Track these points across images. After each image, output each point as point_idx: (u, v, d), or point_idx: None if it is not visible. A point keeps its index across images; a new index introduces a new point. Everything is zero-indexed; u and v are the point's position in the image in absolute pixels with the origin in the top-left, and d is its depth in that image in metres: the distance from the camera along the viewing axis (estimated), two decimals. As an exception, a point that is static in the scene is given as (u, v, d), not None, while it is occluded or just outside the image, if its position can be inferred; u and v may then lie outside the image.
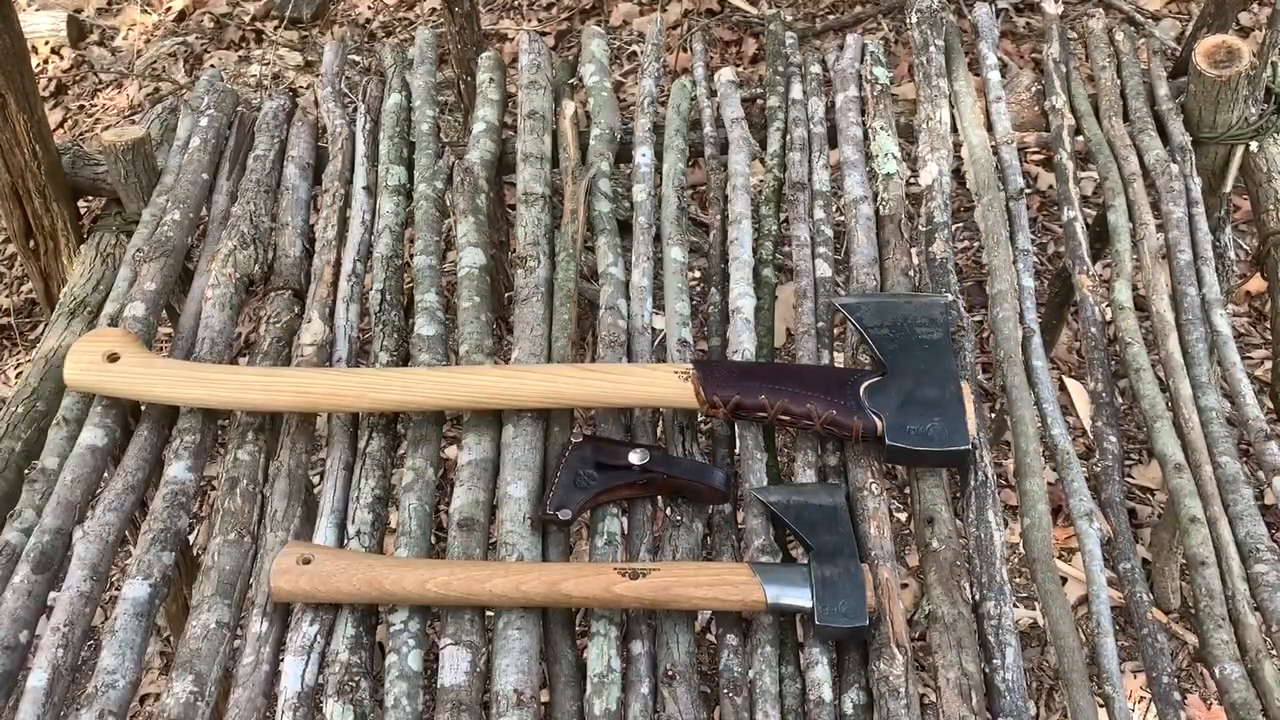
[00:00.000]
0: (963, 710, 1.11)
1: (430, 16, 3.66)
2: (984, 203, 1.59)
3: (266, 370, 1.42)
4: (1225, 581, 1.23)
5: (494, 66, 1.89)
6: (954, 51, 1.81)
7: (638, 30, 3.47)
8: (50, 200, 1.79)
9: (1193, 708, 2.04)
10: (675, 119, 1.78)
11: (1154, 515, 2.34)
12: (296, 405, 1.36)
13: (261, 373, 1.39)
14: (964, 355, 1.40)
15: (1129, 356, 1.45)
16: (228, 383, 1.36)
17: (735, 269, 1.53)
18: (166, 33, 3.76)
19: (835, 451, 1.33)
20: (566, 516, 1.26)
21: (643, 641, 1.21)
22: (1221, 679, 1.17)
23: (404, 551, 1.29)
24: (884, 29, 3.36)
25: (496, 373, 1.38)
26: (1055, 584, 1.24)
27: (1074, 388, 2.43)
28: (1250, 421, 1.37)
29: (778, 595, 1.17)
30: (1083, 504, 1.30)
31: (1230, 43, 1.63)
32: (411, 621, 1.22)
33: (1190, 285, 1.51)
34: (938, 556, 1.23)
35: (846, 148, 1.68)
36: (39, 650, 1.21)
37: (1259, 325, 2.61)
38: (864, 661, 1.17)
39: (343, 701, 1.17)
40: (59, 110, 3.54)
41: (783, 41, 1.88)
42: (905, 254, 1.53)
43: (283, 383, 1.36)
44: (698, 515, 1.29)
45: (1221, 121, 1.67)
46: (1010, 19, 3.31)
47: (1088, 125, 1.72)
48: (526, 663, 1.18)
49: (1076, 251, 1.56)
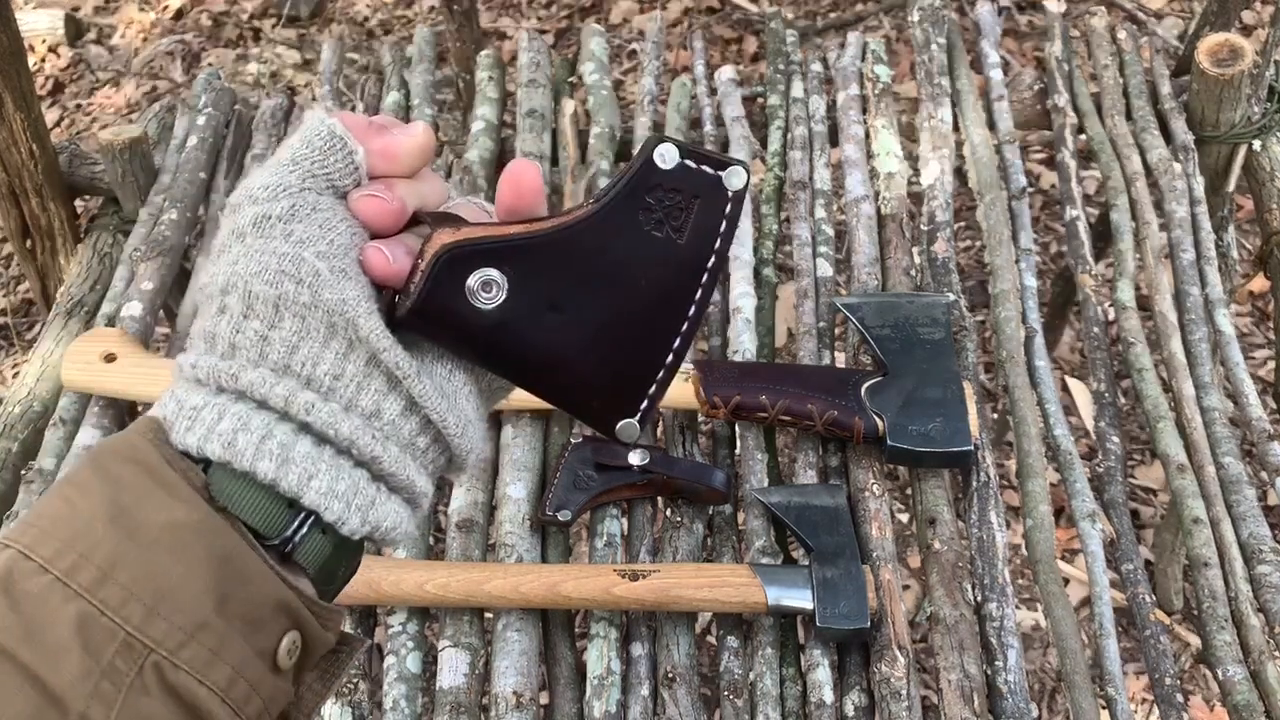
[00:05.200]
0: (965, 712, 1.10)
1: (429, 15, 3.65)
2: (986, 202, 1.58)
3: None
4: (1228, 583, 1.22)
5: (493, 65, 1.88)
6: (956, 50, 1.80)
7: (638, 28, 3.47)
8: (47, 199, 1.78)
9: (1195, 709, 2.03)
10: (675, 117, 1.77)
11: (1156, 516, 2.33)
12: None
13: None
14: (966, 355, 1.39)
15: (1131, 356, 1.44)
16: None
17: (735, 268, 1.52)
18: (164, 31, 3.75)
19: (836, 452, 1.32)
20: (566, 517, 1.25)
21: (643, 643, 1.20)
22: (1224, 681, 1.16)
23: (402, 553, 1.28)
24: (885, 27, 3.35)
25: (495, 373, 1.37)
26: (1058, 585, 1.23)
27: (1076, 388, 2.42)
28: (1253, 422, 1.37)
29: (779, 597, 1.16)
30: (1085, 505, 1.29)
31: (1233, 41, 1.62)
32: (410, 623, 1.22)
33: (1193, 285, 1.50)
34: (939, 558, 1.22)
35: (848, 146, 1.67)
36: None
37: (1262, 325, 2.60)
38: (865, 663, 1.16)
39: (341, 703, 1.16)
40: (56, 109, 3.54)
41: (783, 39, 1.87)
42: (907, 253, 1.52)
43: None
44: (698, 516, 1.29)
45: (1224, 120, 1.66)
46: (1012, 17, 3.31)
47: (1090, 124, 1.71)
48: (526, 664, 1.17)
49: (1079, 251, 1.56)
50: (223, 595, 0.45)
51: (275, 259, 0.50)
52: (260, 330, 0.50)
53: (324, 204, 0.52)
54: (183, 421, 0.49)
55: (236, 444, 0.48)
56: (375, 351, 0.50)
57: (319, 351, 0.50)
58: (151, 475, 0.47)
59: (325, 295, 0.50)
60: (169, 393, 0.51)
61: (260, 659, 0.47)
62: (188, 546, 0.45)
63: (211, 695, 0.44)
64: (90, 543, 0.44)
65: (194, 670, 0.44)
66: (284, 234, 0.51)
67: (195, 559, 0.45)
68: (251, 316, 0.50)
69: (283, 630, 0.48)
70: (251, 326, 0.50)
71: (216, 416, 0.48)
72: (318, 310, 0.50)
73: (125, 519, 0.45)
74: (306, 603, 0.48)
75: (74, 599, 0.43)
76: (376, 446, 0.50)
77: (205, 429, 0.48)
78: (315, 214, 0.52)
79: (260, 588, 0.47)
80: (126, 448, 0.48)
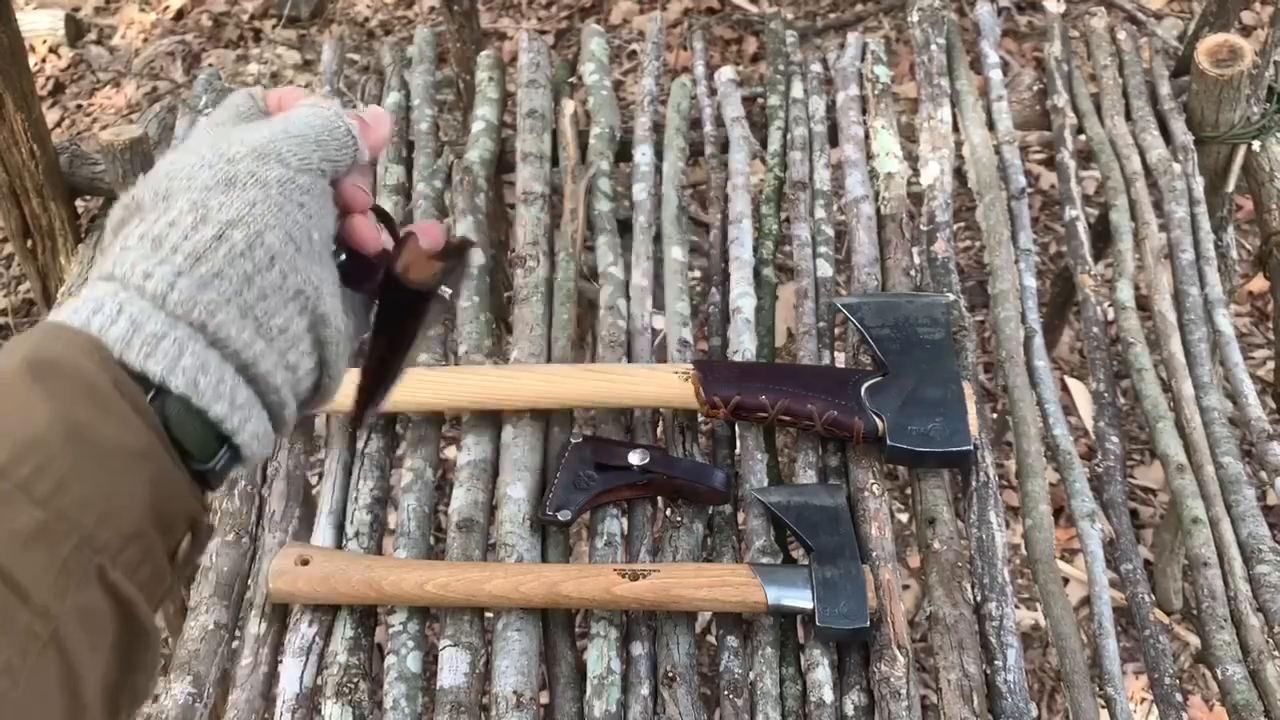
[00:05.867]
0: (964, 711, 1.10)
1: (429, 15, 3.65)
2: (986, 202, 1.59)
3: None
4: (1227, 582, 1.22)
5: (493, 65, 1.89)
6: (955, 50, 1.80)
7: (638, 29, 3.47)
8: (48, 199, 1.78)
9: (1195, 709, 2.03)
10: (675, 118, 1.77)
11: (1156, 516, 2.34)
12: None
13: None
14: (966, 355, 1.39)
15: (1131, 356, 1.44)
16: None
17: (735, 269, 1.53)
18: (164, 31, 3.75)
19: (836, 452, 1.32)
20: (566, 517, 1.26)
21: (643, 643, 1.20)
22: (1223, 680, 1.16)
23: (403, 552, 1.28)
24: (885, 27, 3.35)
25: (496, 373, 1.37)
26: (1057, 585, 1.23)
27: (1076, 388, 2.42)
28: (1252, 422, 1.37)
29: (778, 596, 1.16)
30: (1085, 505, 1.30)
31: (1232, 41, 1.62)
32: (410, 623, 1.22)
33: (1192, 285, 1.50)
34: (939, 557, 1.22)
35: (847, 147, 1.67)
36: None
37: (1261, 325, 2.60)
38: (865, 663, 1.16)
39: (341, 703, 1.16)
40: (57, 109, 3.54)
41: (783, 40, 1.88)
42: (906, 253, 1.52)
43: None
44: (698, 516, 1.29)
45: (1224, 120, 1.66)
46: (1012, 17, 3.31)
47: (1090, 124, 1.71)
48: (526, 664, 1.18)
49: (1078, 251, 1.56)
50: (156, 509, 0.52)
51: (291, 223, 0.58)
52: (248, 272, 0.56)
53: (326, 189, 0.62)
54: (141, 346, 0.53)
55: (198, 385, 0.54)
56: (323, 325, 0.60)
57: (279, 306, 0.57)
58: (102, 403, 0.51)
59: (313, 269, 0.59)
60: (113, 302, 0.54)
61: (166, 558, 0.54)
62: (134, 470, 0.52)
63: (136, 591, 0.51)
64: (47, 455, 0.49)
65: (127, 571, 0.51)
66: (299, 204, 0.59)
67: (140, 480, 0.52)
68: (247, 258, 0.56)
69: (184, 534, 0.55)
70: (243, 266, 0.56)
71: (178, 352, 0.54)
72: (298, 276, 0.58)
73: (80, 440, 0.50)
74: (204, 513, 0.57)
75: (34, 506, 0.48)
76: (292, 402, 0.59)
77: (168, 362, 0.53)
78: (323, 197, 0.61)
79: (181, 503, 0.54)
80: (73, 368, 0.52)
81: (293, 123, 0.61)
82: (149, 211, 0.57)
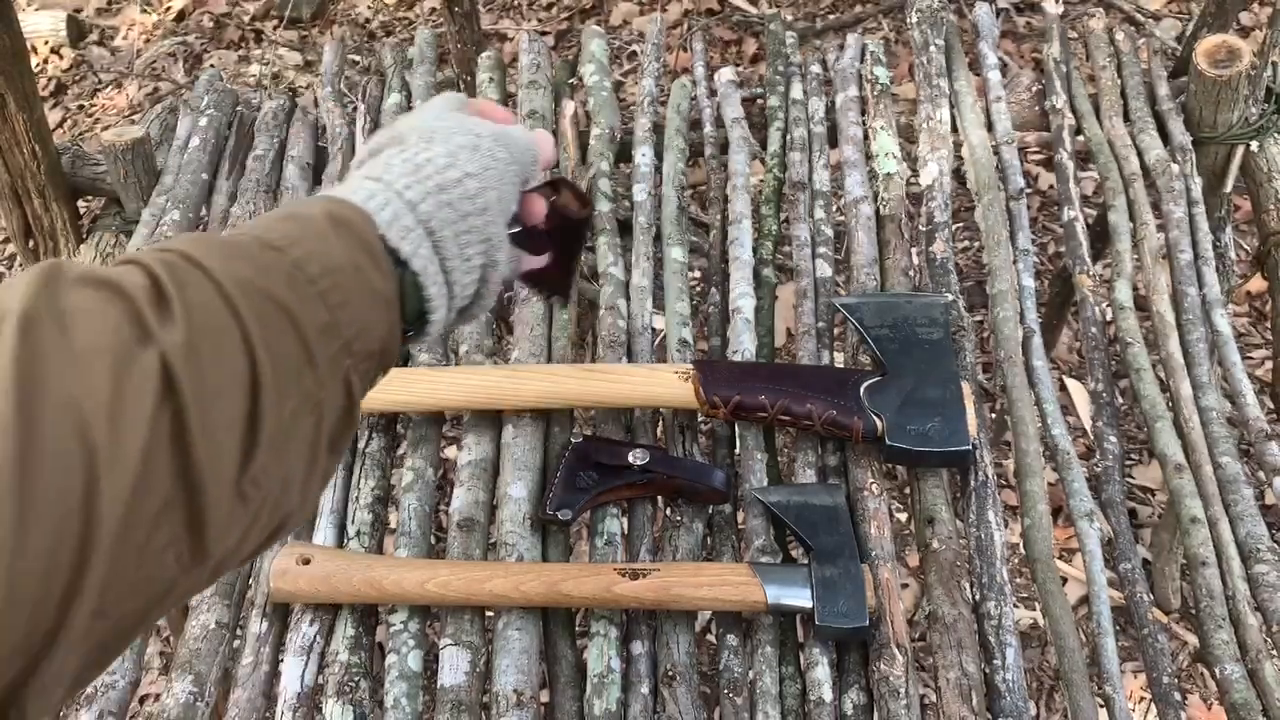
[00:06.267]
0: (963, 710, 1.11)
1: (430, 16, 3.65)
2: (984, 202, 1.59)
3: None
4: (1226, 582, 1.23)
5: (494, 66, 1.89)
6: (954, 51, 1.81)
7: (638, 30, 3.47)
8: (50, 200, 1.79)
9: (1193, 708, 2.03)
10: (675, 119, 1.78)
11: (1154, 515, 2.34)
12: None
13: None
14: (964, 355, 1.40)
15: (1129, 356, 1.45)
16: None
17: (735, 269, 1.53)
18: (166, 32, 3.76)
19: (835, 452, 1.33)
20: (566, 517, 1.26)
21: (643, 642, 1.20)
22: (1222, 679, 1.17)
23: (403, 552, 1.29)
24: (884, 28, 3.36)
25: (496, 373, 1.37)
26: (1056, 584, 1.24)
27: (1074, 388, 2.43)
28: (1251, 421, 1.37)
29: (778, 595, 1.17)
30: (1083, 504, 1.30)
31: (1231, 42, 1.63)
32: (411, 622, 1.22)
33: (1191, 285, 1.51)
34: (938, 557, 1.23)
35: (847, 147, 1.67)
36: (38, 651, 1.21)
37: (1259, 325, 2.61)
38: (864, 662, 1.17)
39: (342, 702, 1.17)
40: (58, 110, 3.54)
41: (783, 41, 1.88)
42: (905, 254, 1.52)
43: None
44: (698, 515, 1.29)
45: (1222, 121, 1.67)
46: (1010, 19, 3.31)
47: (1088, 125, 1.72)
48: (526, 663, 1.18)
49: (1077, 251, 1.56)
50: (384, 342, 0.71)
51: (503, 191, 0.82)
52: (468, 211, 0.78)
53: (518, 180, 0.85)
54: (398, 230, 0.73)
55: (427, 270, 0.74)
56: (491, 268, 0.80)
57: (475, 242, 0.78)
58: (375, 259, 0.71)
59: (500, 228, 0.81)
60: (382, 195, 0.75)
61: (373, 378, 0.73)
62: (383, 309, 0.70)
63: (361, 394, 0.69)
64: (341, 279, 0.67)
65: (361, 379, 0.69)
66: (511, 182, 0.84)
67: (384, 318, 0.71)
68: (471, 201, 0.78)
69: (384, 367, 0.73)
70: (467, 206, 0.78)
71: (418, 243, 0.74)
72: (493, 229, 0.80)
73: (359, 276, 0.69)
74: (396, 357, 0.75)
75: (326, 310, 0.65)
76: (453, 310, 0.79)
77: (412, 248, 0.74)
78: (516, 183, 0.85)
79: (395, 343, 0.73)
80: (360, 229, 0.71)
81: (512, 133, 0.85)
82: (411, 145, 0.79)
